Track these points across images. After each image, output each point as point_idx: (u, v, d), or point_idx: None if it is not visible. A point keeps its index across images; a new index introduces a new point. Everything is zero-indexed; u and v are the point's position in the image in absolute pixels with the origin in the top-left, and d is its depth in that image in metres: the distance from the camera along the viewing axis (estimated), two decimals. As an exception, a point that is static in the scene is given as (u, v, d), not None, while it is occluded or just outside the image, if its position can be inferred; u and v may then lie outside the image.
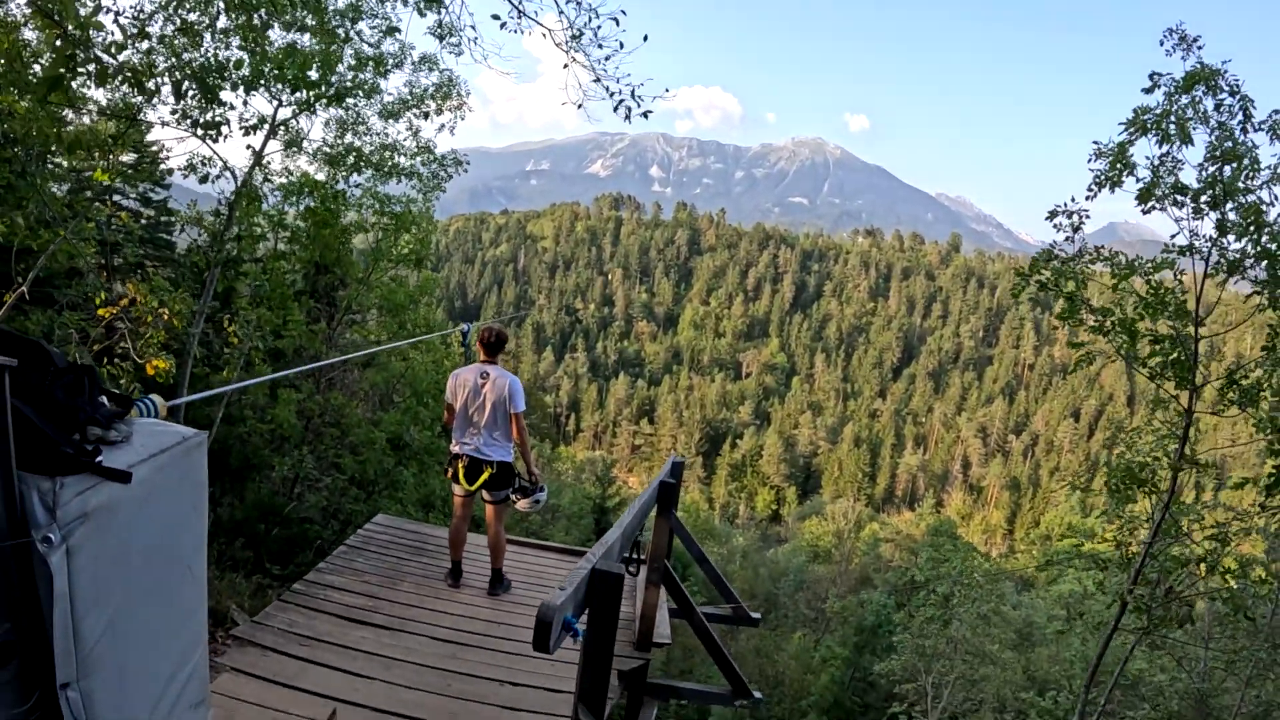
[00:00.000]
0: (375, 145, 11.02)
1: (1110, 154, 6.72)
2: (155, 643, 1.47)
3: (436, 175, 11.80)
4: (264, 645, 4.74)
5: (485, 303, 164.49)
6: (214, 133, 6.33)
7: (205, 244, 10.29)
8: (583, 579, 3.05)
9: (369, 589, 6.05)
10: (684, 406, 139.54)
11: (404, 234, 12.40)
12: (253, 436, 10.64)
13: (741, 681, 6.00)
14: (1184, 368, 6.71)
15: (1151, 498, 7.16)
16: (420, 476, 12.93)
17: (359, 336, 13.89)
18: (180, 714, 1.57)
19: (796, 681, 28.10)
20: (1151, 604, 6.95)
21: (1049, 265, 7.02)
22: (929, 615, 19.76)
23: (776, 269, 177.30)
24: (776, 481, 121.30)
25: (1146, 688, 10.97)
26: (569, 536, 35.03)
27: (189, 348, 8.52)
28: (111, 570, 1.27)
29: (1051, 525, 73.63)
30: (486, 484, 6.20)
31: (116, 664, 1.29)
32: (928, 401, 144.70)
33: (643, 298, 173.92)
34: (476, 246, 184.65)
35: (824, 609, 37.87)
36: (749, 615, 7.33)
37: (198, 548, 1.64)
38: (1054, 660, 18.20)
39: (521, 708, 4.69)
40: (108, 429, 1.32)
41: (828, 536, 58.56)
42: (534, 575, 7.35)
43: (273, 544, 9.11)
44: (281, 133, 9.81)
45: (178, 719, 1.56)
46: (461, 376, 6.20)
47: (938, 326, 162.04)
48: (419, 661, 5.00)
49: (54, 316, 6.56)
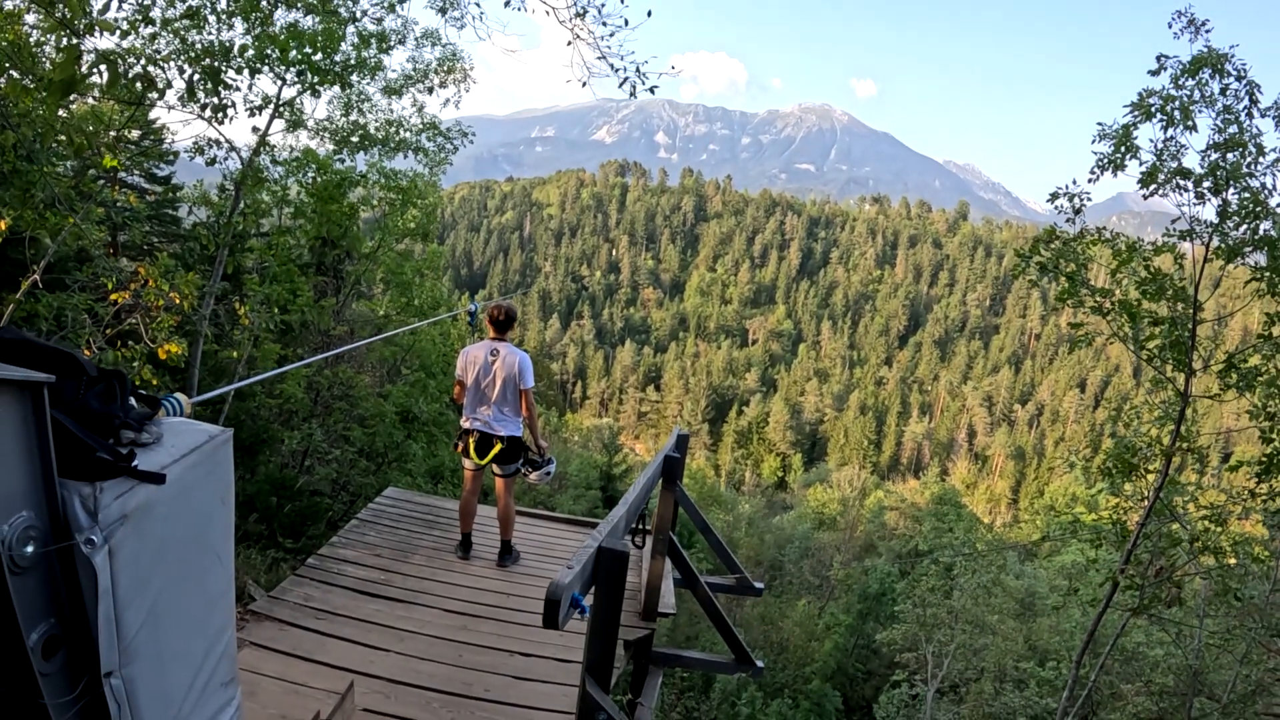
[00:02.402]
0: (380, 122, 11.01)
1: (1114, 136, 6.70)
2: (189, 628, 1.55)
3: (442, 149, 11.78)
4: (281, 620, 4.86)
5: (491, 270, 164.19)
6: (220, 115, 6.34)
7: (212, 222, 10.33)
8: (589, 557, 3.12)
9: (381, 562, 6.17)
10: (690, 373, 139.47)
11: (410, 208, 12.41)
12: (262, 411, 10.74)
13: (744, 651, 6.12)
14: (1182, 350, 6.75)
15: (1147, 478, 7.23)
16: (429, 448, 13.05)
17: (367, 309, 13.95)
18: (213, 692, 1.66)
19: (801, 648, 28.38)
20: (1143, 583, 7.05)
21: (1049, 247, 7.04)
22: (931, 585, 19.96)
23: (783, 236, 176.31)
24: (782, 449, 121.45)
25: (1142, 662, 11.10)
26: (577, 505, 35.35)
27: (200, 328, 8.59)
28: (150, 565, 1.34)
29: (1056, 495, 73.78)
30: (497, 458, 6.30)
31: (155, 651, 1.38)
32: (934, 370, 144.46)
33: (649, 264, 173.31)
34: (482, 214, 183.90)
35: (828, 576, 38.13)
36: (752, 585, 7.43)
37: (225, 537, 1.72)
38: (1055, 631, 18.34)
39: (531, 677, 4.81)
40: (140, 432, 1.39)
41: (833, 504, 58.71)
42: (543, 546, 7.46)
43: (285, 518, 9.24)
44: (286, 112, 9.81)
45: (210, 697, 1.65)
46: (472, 353, 6.27)
47: (944, 295, 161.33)
48: (431, 633, 5.13)
49: (65, 300, 6.62)
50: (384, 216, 12.59)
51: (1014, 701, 15.10)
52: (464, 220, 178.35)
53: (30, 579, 1.14)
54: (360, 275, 12.84)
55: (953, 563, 20.58)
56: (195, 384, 8.87)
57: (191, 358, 8.48)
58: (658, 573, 5.89)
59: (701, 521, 6.80)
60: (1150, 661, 10.83)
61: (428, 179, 12.34)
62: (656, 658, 6.18)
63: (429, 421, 12.72)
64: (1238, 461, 7.01)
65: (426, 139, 11.51)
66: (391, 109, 11.14)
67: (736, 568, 7.30)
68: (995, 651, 17.76)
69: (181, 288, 6.61)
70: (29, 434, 1.13)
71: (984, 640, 18.03)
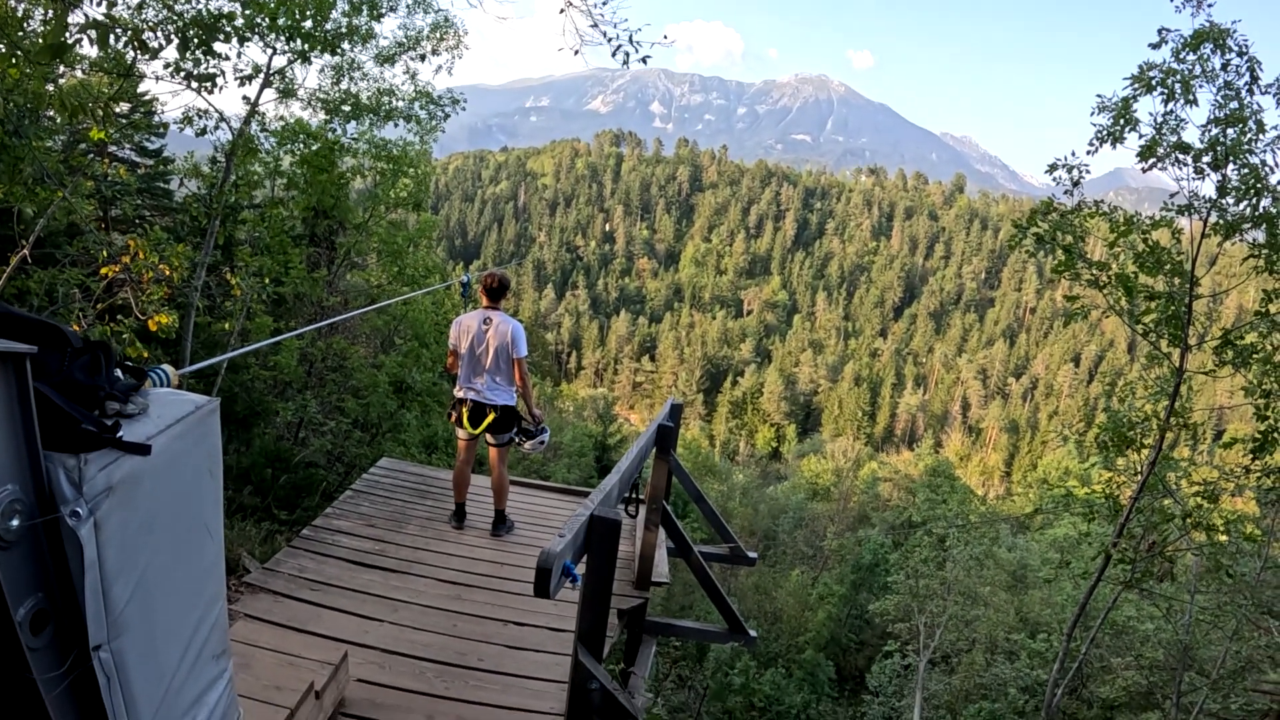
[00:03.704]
0: (372, 91, 10.88)
1: (1114, 109, 6.66)
2: (179, 600, 1.55)
3: (434, 117, 11.67)
4: (276, 591, 4.88)
5: (485, 241, 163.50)
6: (209, 85, 6.25)
7: (204, 194, 10.24)
8: (582, 525, 3.13)
9: (375, 533, 6.18)
10: (685, 344, 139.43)
11: (402, 178, 12.32)
12: (256, 383, 10.71)
13: (738, 620, 6.16)
14: (1178, 325, 6.75)
15: (1141, 453, 7.26)
16: (423, 418, 13.05)
17: (360, 280, 13.88)
18: (205, 664, 1.66)
19: (794, 618, 28.58)
20: (1135, 557, 7.11)
21: (1046, 219, 7.01)
22: (924, 556, 20.11)
23: (779, 206, 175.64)
24: (777, 419, 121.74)
25: (1132, 636, 11.19)
26: (571, 475, 35.48)
27: (191, 300, 8.54)
28: (137, 537, 1.33)
29: (1048, 469, 74.13)
30: (490, 428, 6.30)
31: (144, 624, 1.37)
32: (928, 342, 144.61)
33: (644, 234, 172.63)
34: (476, 184, 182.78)
35: (822, 547, 38.33)
36: (745, 555, 7.48)
37: (214, 507, 1.71)
38: (1046, 603, 18.53)
39: (525, 646, 4.85)
40: (125, 403, 1.37)
41: (827, 475, 58.90)
42: (537, 516, 7.49)
43: (280, 490, 9.23)
44: (277, 82, 9.69)
45: (202, 669, 1.65)
46: (465, 322, 6.25)
47: (940, 267, 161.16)
48: (425, 603, 5.15)
49: (56, 275, 6.57)
50: (376, 186, 12.49)
51: (1005, 673, 15.28)
52: (458, 190, 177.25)
53: (16, 553, 1.13)
54: (352, 246, 12.75)
55: (946, 534, 20.72)
56: (188, 356, 8.83)
57: (184, 330, 8.43)
58: (651, 542, 5.91)
59: (695, 491, 6.83)
60: (1140, 635, 10.91)
61: (419, 148, 12.25)
62: (650, 627, 6.22)
63: (423, 391, 12.70)
64: (1231, 439, 7.05)
65: (419, 107, 11.40)
66: (383, 77, 11.03)
67: (730, 537, 7.34)
68: (987, 623, 17.94)
69: (171, 259, 6.56)
70: (12, 406, 1.11)
71: (976, 612, 18.19)
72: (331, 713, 3.67)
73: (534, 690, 4.36)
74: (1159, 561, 7.16)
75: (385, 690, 4.07)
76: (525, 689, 4.36)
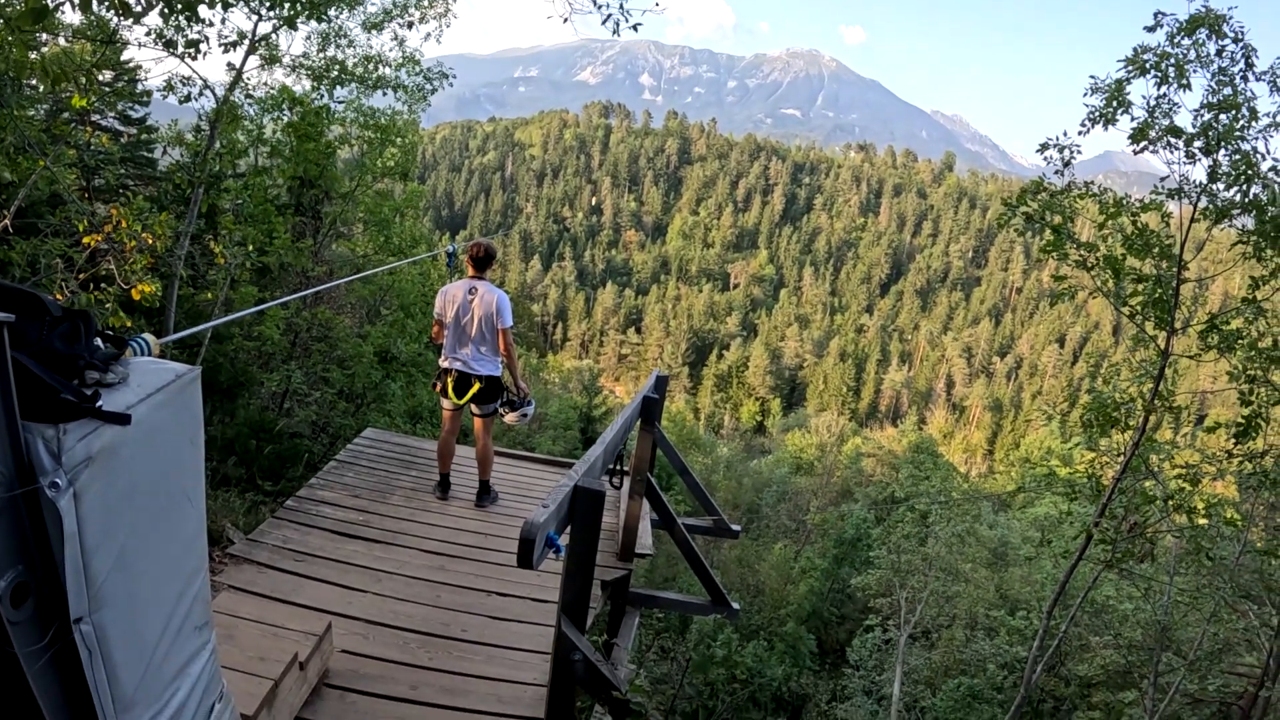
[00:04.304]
0: (359, 58, 10.72)
1: (1107, 90, 6.65)
2: (161, 571, 1.54)
3: (422, 87, 11.53)
4: (260, 562, 4.87)
5: (472, 211, 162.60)
6: (192, 51, 6.14)
7: (187, 162, 10.09)
8: (566, 496, 3.13)
9: (360, 503, 6.18)
10: (671, 316, 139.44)
11: (389, 147, 12.20)
12: (240, 353, 10.64)
13: (721, 593, 6.21)
14: (1164, 308, 6.78)
15: (1126, 434, 7.31)
16: (408, 388, 13.02)
17: (346, 250, 13.77)
18: (187, 636, 1.66)
19: (776, 591, 28.76)
20: (1117, 537, 7.18)
21: (1037, 198, 7.01)
22: (906, 532, 20.28)
23: (767, 180, 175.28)
24: (762, 393, 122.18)
25: (1111, 615, 11.33)
26: (556, 446, 35.50)
27: (175, 269, 8.45)
28: (117, 508, 1.32)
29: (1031, 448, 74.67)
30: (475, 398, 6.29)
31: (125, 595, 1.36)
32: (914, 319, 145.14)
33: (631, 206, 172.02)
34: (463, 155, 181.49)
35: (805, 521, 38.56)
36: (729, 527, 7.53)
37: (196, 478, 1.69)
38: (1026, 581, 18.73)
39: (508, 617, 4.87)
40: (105, 372, 1.35)
41: (811, 449, 59.12)
42: (521, 487, 7.51)
43: (264, 460, 9.20)
44: (262, 48, 9.52)
45: (185, 641, 1.64)
46: (450, 292, 6.21)
47: (927, 245, 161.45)
48: (409, 574, 5.17)
49: (38, 245, 6.48)
50: (363, 155, 12.37)
51: (984, 649, 15.49)
52: (445, 160, 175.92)
53: (-5, 524, 1.12)
54: (338, 215, 12.63)
55: (928, 511, 20.89)
56: (171, 326, 8.74)
57: (167, 300, 8.35)
58: (635, 513, 5.94)
59: (680, 463, 6.85)
60: (1119, 615, 11.04)
61: (407, 117, 12.12)
62: (633, 598, 6.26)
63: (408, 362, 12.66)
64: (1215, 423, 7.11)
65: (406, 74, 11.26)
66: (371, 45, 10.88)
67: (714, 510, 7.39)
68: (967, 599, 18.11)
69: (155, 228, 6.48)
70: (-12, 375, 1.09)
71: (957, 588, 18.36)
72: (315, 683, 3.68)
73: (517, 661, 4.38)
74: (1140, 542, 7.23)
75: (369, 661, 4.08)
76: (508, 660, 4.38)
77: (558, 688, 3.48)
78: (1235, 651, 9.45)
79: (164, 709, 1.55)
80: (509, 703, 3.98)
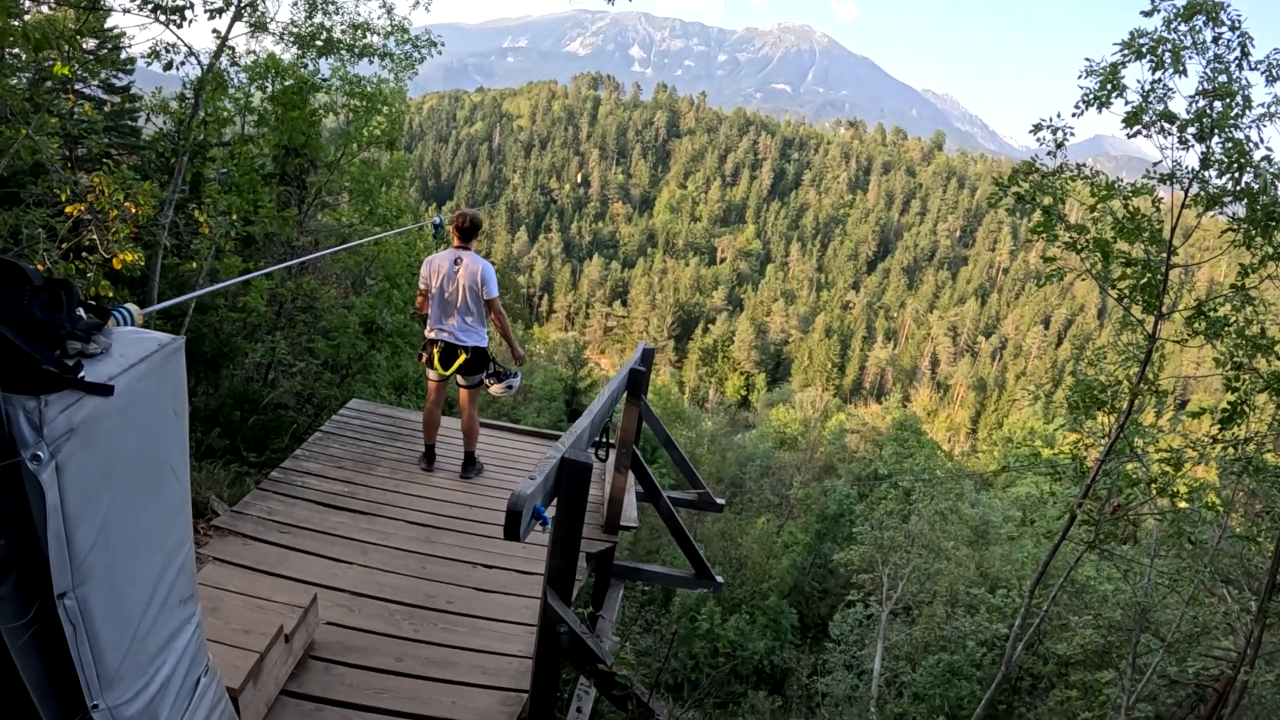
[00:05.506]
0: (346, 25, 10.56)
1: (1101, 73, 6.62)
2: (144, 545, 1.52)
3: (409, 55, 11.39)
4: (244, 534, 4.85)
5: (459, 182, 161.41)
6: (177, 18, 6.01)
7: (172, 131, 9.95)
8: (552, 468, 3.12)
9: (345, 474, 6.16)
10: (657, 289, 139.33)
11: (375, 115, 12.07)
12: (225, 324, 10.56)
13: (705, 566, 6.24)
14: (1153, 293, 6.80)
15: (1111, 416, 7.35)
16: (393, 359, 12.97)
17: (331, 220, 13.65)
18: (171, 609, 1.64)
19: (759, 565, 28.92)
20: (1099, 518, 7.24)
21: (1028, 179, 6.99)
22: (889, 509, 20.40)
23: (756, 155, 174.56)
24: (747, 368, 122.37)
25: (1091, 595, 11.45)
26: (541, 418, 35.49)
27: (159, 238, 8.35)
28: (100, 480, 1.30)
29: (1014, 428, 75.14)
30: (461, 369, 6.26)
31: (109, 569, 1.34)
32: (900, 297, 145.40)
33: (619, 179, 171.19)
34: (451, 125, 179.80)
35: (788, 495, 38.71)
36: (714, 501, 7.55)
37: (180, 449, 1.67)
38: (1006, 560, 18.87)
39: (494, 589, 4.88)
40: (87, 342, 1.33)
41: (795, 424, 59.29)
42: (507, 458, 7.50)
43: (249, 431, 9.15)
44: (248, 15, 9.35)
45: (169, 614, 1.63)
46: (436, 262, 6.16)
47: (915, 223, 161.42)
48: (394, 545, 5.16)
49: (20, 215, 6.37)
50: (349, 124, 12.23)
51: (965, 625, 15.64)
52: (432, 131, 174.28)
53: (-26, 498, 1.10)
54: (324, 185, 12.51)
55: (911, 488, 21.02)
56: (155, 296, 8.66)
57: (151, 269, 8.25)
58: (620, 486, 5.95)
59: (665, 436, 6.85)
60: (1100, 595, 11.14)
61: (393, 86, 11.99)
62: (618, 571, 6.28)
63: (393, 332, 12.60)
64: (1200, 408, 7.15)
65: (395, 43, 11.11)
66: (359, 11, 10.72)
67: (698, 483, 7.40)
68: (949, 577, 18.25)
69: (138, 197, 6.38)
70: (-34, 346, 1.07)
71: (938, 565, 18.49)
72: (301, 656, 3.68)
73: (502, 633, 4.39)
74: (1123, 524, 7.29)
75: (354, 633, 4.08)
76: (494, 631, 4.39)
77: (543, 659, 3.49)
78: (1213, 635, 9.57)
79: (149, 683, 1.53)
80: (494, 674, 3.99)
